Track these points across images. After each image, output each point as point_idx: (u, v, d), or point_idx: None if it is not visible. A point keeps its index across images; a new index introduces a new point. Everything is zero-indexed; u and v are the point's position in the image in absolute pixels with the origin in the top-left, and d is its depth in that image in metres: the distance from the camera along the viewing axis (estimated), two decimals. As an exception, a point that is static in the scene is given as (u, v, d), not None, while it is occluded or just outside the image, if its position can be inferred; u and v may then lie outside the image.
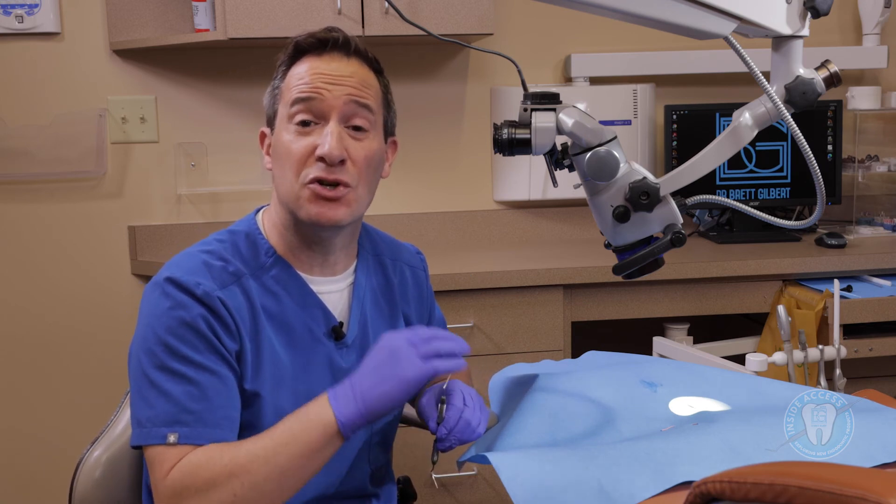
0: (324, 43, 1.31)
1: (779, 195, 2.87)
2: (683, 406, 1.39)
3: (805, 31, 1.21)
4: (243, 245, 1.34)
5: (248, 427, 1.28)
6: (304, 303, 1.34)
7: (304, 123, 1.28)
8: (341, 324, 1.36)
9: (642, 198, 1.22)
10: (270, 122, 1.35)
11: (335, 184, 1.28)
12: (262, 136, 1.38)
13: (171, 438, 1.19)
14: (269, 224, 1.36)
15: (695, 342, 2.53)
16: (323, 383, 1.33)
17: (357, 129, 1.30)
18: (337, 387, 1.21)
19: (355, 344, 1.38)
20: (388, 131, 1.38)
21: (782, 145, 2.85)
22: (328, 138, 1.26)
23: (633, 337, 2.47)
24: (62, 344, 2.79)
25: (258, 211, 1.41)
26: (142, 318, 1.27)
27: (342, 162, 1.27)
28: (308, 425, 1.18)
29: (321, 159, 1.27)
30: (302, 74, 1.30)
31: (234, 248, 1.33)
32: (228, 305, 1.26)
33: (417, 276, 1.51)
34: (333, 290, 1.37)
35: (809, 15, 1.19)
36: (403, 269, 1.49)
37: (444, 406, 1.30)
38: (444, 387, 1.34)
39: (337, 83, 1.28)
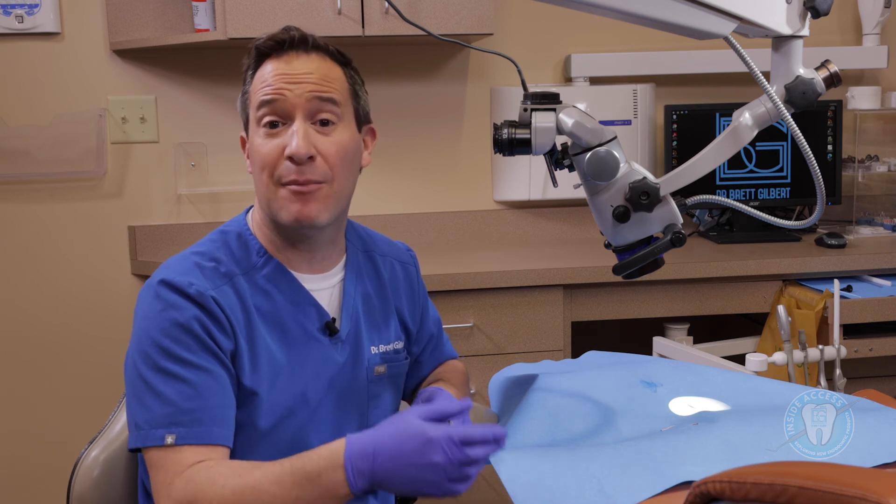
0: (281, 43, 1.32)
1: (779, 195, 2.87)
2: (683, 406, 1.39)
3: (805, 31, 1.21)
4: (235, 245, 1.35)
5: (244, 426, 1.28)
6: (297, 300, 1.34)
7: (272, 125, 1.30)
8: (334, 319, 1.37)
9: (642, 198, 1.21)
10: (246, 127, 1.37)
11: (306, 184, 1.29)
12: (243, 141, 1.39)
13: (169, 440, 1.19)
14: (256, 225, 1.38)
15: (695, 342, 2.53)
16: (318, 380, 1.34)
17: (325, 123, 1.30)
18: (355, 456, 1.13)
19: (349, 339, 1.38)
20: (362, 120, 1.38)
21: (782, 145, 2.85)
22: (294, 137, 1.27)
23: (633, 337, 2.47)
24: (62, 344, 2.79)
25: (248, 211, 1.42)
26: (136, 321, 1.27)
27: (311, 159, 1.28)
28: (321, 490, 1.13)
29: (290, 158, 1.27)
30: (265, 77, 1.31)
31: (226, 248, 1.34)
32: (222, 305, 1.26)
33: (408, 271, 1.51)
34: (324, 287, 1.38)
35: (809, 15, 1.19)
36: (393, 265, 1.49)
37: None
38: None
39: (298, 81, 1.29)
